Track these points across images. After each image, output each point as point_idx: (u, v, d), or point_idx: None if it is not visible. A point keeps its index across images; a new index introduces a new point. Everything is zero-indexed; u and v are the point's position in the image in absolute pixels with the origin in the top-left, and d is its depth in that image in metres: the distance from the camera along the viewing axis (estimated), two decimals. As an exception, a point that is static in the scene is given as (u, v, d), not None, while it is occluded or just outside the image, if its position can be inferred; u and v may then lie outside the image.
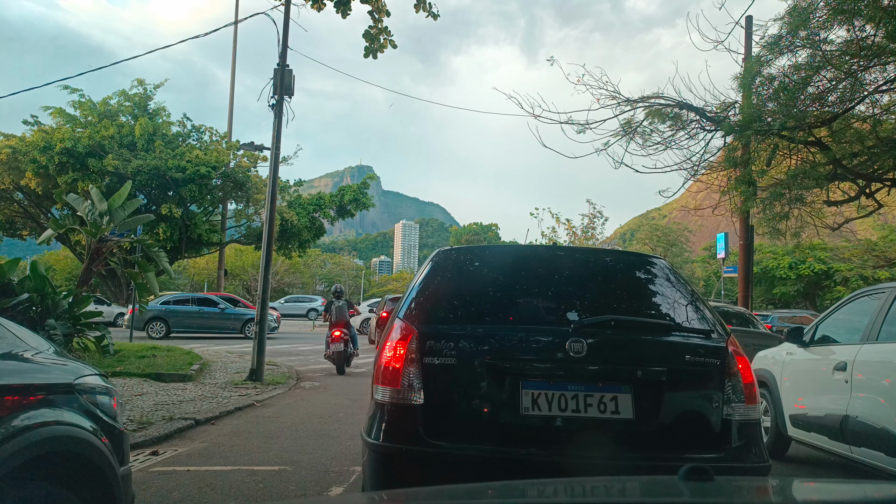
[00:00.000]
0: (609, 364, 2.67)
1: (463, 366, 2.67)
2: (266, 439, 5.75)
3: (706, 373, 2.71)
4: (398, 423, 2.64)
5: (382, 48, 11.13)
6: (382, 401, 2.67)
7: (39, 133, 25.15)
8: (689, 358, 2.73)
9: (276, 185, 10.25)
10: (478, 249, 3.41)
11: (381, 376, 2.71)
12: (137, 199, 13.19)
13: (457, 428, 2.65)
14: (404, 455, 2.61)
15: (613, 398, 2.62)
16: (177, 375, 9.25)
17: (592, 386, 2.63)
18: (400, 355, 2.68)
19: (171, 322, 19.58)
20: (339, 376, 11.27)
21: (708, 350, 2.75)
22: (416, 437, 2.59)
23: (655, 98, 12.37)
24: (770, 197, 10.45)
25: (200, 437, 5.83)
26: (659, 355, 2.74)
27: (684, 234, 60.41)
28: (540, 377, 2.65)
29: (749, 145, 12.47)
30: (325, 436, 5.95)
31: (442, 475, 2.62)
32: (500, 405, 2.63)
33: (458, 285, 3.04)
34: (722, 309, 9.50)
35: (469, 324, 2.78)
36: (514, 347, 2.71)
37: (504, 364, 2.66)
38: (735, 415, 2.66)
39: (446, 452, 2.58)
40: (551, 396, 2.61)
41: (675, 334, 2.84)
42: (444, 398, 2.67)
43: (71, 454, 1.99)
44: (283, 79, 10.20)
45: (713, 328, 2.86)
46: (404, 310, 2.88)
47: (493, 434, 2.61)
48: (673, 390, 2.67)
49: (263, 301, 9.91)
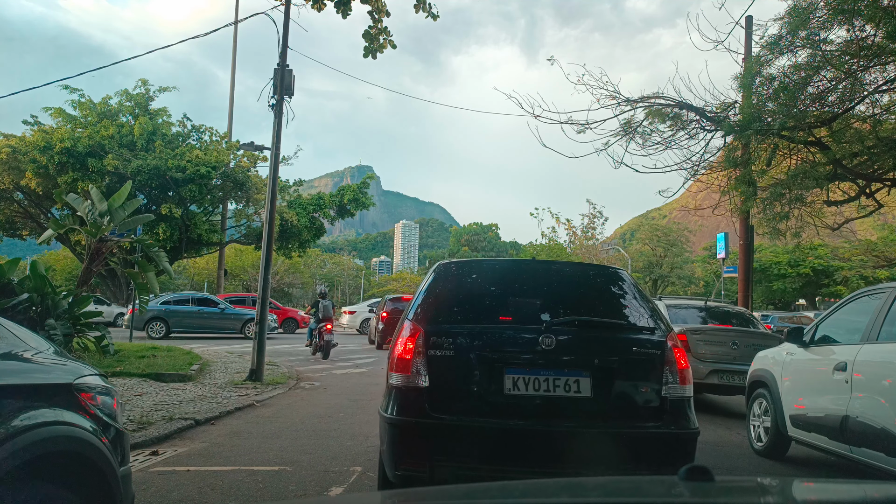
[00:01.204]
0: (572, 354, 3.36)
1: (459, 356, 3.34)
2: (266, 439, 5.75)
3: (649, 361, 3.41)
4: (408, 401, 3.30)
5: (382, 48, 11.12)
6: (396, 385, 3.35)
7: (39, 133, 25.15)
8: (636, 349, 3.46)
9: (275, 185, 10.25)
10: (471, 263, 4.08)
11: (395, 365, 3.37)
12: (137, 199, 13.18)
13: (455, 405, 3.31)
14: (414, 426, 3.28)
15: (576, 381, 3.30)
16: (177, 375, 9.25)
17: (560, 371, 3.31)
18: (409, 349, 3.34)
19: (170, 322, 19.57)
20: (339, 377, 11.29)
21: (651, 343, 3.46)
22: (422, 412, 3.26)
23: (655, 98, 12.37)
24: (770, 197, 10.45)
25: (200, 438, 5.83)
26: (612, 347, 3.45)
27: (684, 234, 60.33)
28: (519, 365, 3.33)
29: (749, 145, 12.45)
30: (325, 436, 5.95)
31: (443, 441, 3.27)
32: (489, 387, 3.31)
33: (455, 292, 3.74)
34: (722, 309, 9.50)
35: (464, 323, 3.48)
36: (499, 342, 3.40)
37: (491, 355, 3.34)
38: (671, 393, 3.36)
39: (447, 424, 3.25)
40: (528, 380, 3.29)
41: (625, 331, 3.58)
42: (445, 382, 3.32)
43: (71, 454, 1.98)
44: (283, 79, 10.20)
45: (657, 326, 3.56)
46: (412, 312, 3.55)
47: (483, 409, 3.29)
48: (623, 374, 3.39)
49: (263, 301, 9.90)
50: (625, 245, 65.38)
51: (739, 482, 2.00)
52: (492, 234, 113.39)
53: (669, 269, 55.70)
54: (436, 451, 3.26)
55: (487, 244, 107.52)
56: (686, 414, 3.40)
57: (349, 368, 12.65)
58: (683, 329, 8.18)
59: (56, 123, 26.74)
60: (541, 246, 56.34)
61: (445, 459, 3.25)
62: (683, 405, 3.40)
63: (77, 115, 27.46)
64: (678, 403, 3.37)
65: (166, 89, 29.80)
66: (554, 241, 52.32)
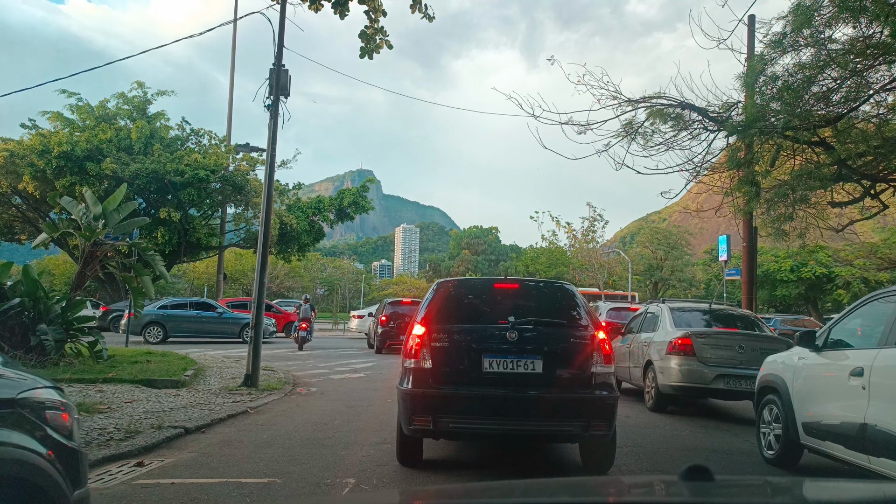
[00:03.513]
0: (530, 344, 4.76)
1: (452, 346, 4.78)
2: (257, 449, 5.54)
3: (583, 348, 4.82)
4: (418, 377, 4.72)
5: (378, 48, 10.95)
6: (409, 367, 4.80)
7: (37, 137, 24.99)
8: (573, 340, 4.91)
9: (271, 187, 10.06)
10: (461, 281, 5.99)
11: (408, 353, 4.84)
12: (133, 202, 12.99)
13: (449, 379, 4.72)
14: (421, 395, 4.66)
15: (532, 362, 4.71)
16: (170, 381, 9.04)
17: (521, 356, 4.71)
18: (418, 343, 4.79)
19: (168, 326, 19.35)
20: (336, 382, 11.09)
21: (585, 336, 4.91)
22: (427, 384, 4.68)
23: (657, 98, 12.19)
24: (774, 197, 10.24)
25: (189, 447, 5.63)
26: (557, 339, 4.91)
27: (685, 236, 60.11)
28: (494, 351, 4.73)
29: (752, 145, 12.28)
30: (319, 445, 5.74)
31: (441, 404, 4.63)
32: (473, 367, 4.71)
33: (449, 302, 5.22)
34: (726, 312, 9.28)
35: (455, 323, 4.97)
36: (479, 336, 4.83)
37: (474, 345, 4.78)
38: (599, 370, 4.76)
39: (444, 392, 4.66)
40: (499, 362, 4.70)
41: (566, 328, 5.07)
42: (442, 364, 4.74)
43: (11, 479, 1.76)
44: (280, 79, 10.02)
45: (590, 324, 5.01)
46: (420, 316, 5.01)
47: (469, 382, 4.70)
48: (565, 358, 4.82)
49: (259, 304, 9.70)
50: (625, 248, 65.17)
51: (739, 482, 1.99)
52: (492, 237, 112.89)
53: (670, 272, 55.49)
54: (436, 411, 4.59)
55: (488, 247, 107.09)
56: (610, 385, 4.83)
57: (347, 373, 12.44)
58: (688, 333, 7.97)
59: (54, 127, 26.59)
60: (541, 249, 56.17)
61: (443, 416, 4.57)
62: (608, 379, 4.83)
63: (75, 119, 27.32)
64: (603, 377, 4.78)
65: (164, 93, 29.67)
66: (554, 245, 52.13)
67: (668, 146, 12.54)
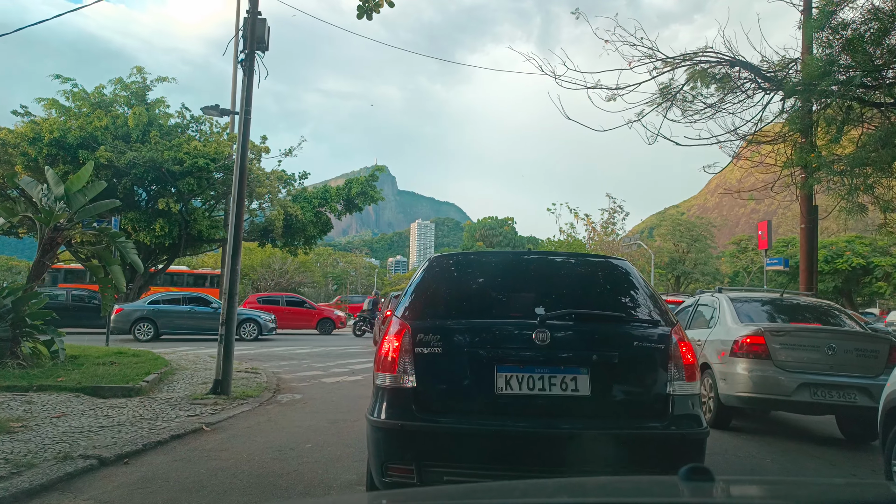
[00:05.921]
0: (569, 350, 3.15)
1: (447, 354, 3.13)
2: (180, 494, 3.96)
3: (652, 356, 3.21)
4: (395, 402, 3.10)
5: (378, 7, 9.44)
6: (382, 385, 3.16)
7: (29, 125, 23.83)
8: (638, 344, 3.25)
9: (245, 157, 8.50)
10: (466, 255, 3.91)
11: (382, 364, 3.18)
12: (100, 183, 11.53)
13: (443, 406, 3.13)
14: (400, 430, 3.04)
15: (573, 378, 3.08)
16: (120, 389, 7.52)
17: (556, 368, 3.09)
18: (395, 347, 3.15)
19: (159, 323, 17.97)
20: (328, 386, 9.55)
21: (655, 336, 3.24)
22: (409, 413, 3.04)
23: (702, 53, 10.42)
24: (853, 162, 8.39)
25: (93, 488, 4.07)
26: (612, 342, 3.21)
27: (709, 228, 57.99)
28: (511, 362, 3.11)
29: (812, 110, 10.48)
30: (270, 486, 4.14)
31: (431, 445, 3.03)
32: (480, 387, 3.10)
33: (445, 287, 3.58)
34: (803, 302, 7.47)
35: (452, 319, 3.29)
36: (489, 338, 3.17)
37: (481, 352, 3.12)
38: (677, 391, 3.13)
39: (434, 427, 3.03)
40: (521, 378, 3.08)
41: (626, 323, 3.35)
42: (432, 381, 3.12)
43: None
44: (255, 29, 8.47)
45: (661, 318, 3.34)
46: (400, 309, 3.39)
47: (473, 410, 3.11)
48: (624, 371, 3.17)
49: (230, 296, 8.17)
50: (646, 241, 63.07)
51: (739, 482, 2.07)
52: (508, 227, 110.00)
53: (693, 265, 53.45)
54: (423, 455, 3.00)
55: (503, 239, 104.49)
56: (695, 415, 3.17)
57: (343, 375, 10.90)
58: (760, 329, 6.24)
59: (48, 115, 25.42)
60: (559, 242, 54.42)
61: (434, 464, 2.99)
62: (691, 403, 3.19)
63: (71, 106, 26.12)
64: (685, 401, 3.15)
65: (164, 79, 28.33)
66: (572, 237, 50.31)
67: (714, 111, 10.78)
